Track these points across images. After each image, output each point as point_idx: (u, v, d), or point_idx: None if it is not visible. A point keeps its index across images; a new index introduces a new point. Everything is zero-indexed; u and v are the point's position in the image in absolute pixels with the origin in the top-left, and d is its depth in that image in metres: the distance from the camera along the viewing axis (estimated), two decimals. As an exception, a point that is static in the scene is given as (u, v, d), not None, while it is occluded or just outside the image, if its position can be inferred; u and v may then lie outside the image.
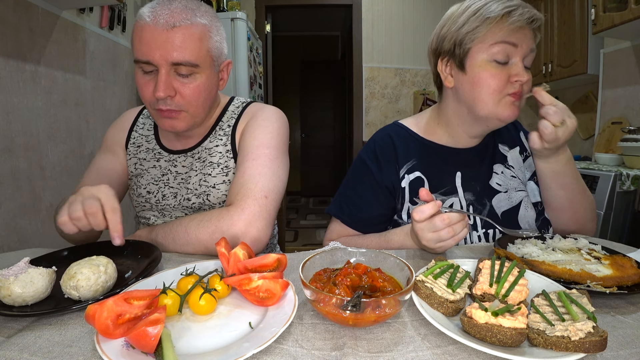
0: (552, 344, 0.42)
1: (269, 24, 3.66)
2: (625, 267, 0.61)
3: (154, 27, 0.75)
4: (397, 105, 3.58)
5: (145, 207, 0.95)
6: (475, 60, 0.79)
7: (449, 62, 0.84)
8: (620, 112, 2.46)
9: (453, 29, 0.81)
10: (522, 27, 0.75)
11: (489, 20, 0.75)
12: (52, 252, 0.71)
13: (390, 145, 0.91)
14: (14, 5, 1.48)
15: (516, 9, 0.74)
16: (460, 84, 0.83)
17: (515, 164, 0.94)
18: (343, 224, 0.93)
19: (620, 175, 1.89)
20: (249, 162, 0.84)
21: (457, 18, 0.80)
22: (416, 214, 0.67)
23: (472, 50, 0.79)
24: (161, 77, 0.77)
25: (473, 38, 0.78)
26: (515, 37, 0.75)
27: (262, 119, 0.92)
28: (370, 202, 0.90)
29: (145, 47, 0.76)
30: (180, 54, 0.76)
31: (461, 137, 0.90)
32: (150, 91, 0.79)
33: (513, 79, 0.77)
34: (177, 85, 0.79)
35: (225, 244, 0.61)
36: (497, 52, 0.76)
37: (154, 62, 0.76)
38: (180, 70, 0.78)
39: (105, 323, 0.43)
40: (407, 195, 0.88)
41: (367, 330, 0.48)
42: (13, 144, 1.50)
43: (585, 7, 2.46)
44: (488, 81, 0.77)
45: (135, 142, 0.99)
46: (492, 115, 0.80)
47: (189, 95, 0.80)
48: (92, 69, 2.03)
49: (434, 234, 0.67)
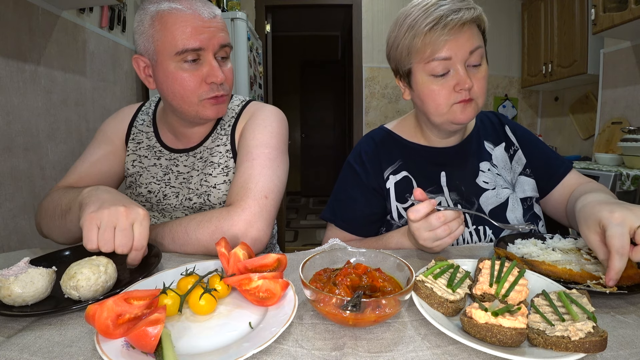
0: (552, 344, 0.42)
1: (269, 24, 3.65)
2: (626, 267, 0.61)
3: (199, 16, 0.78)
4: (397, 105, 3.58)
5: (145, 206, 0.95)
6: (417, 79, 0.81)
7: (400, 78, 0.87)
8: (620, 112, 2.46)
9: (392, 50, 0.83)
10: (451, 38, 0.73)
11: (416, 40, 0.75)
12: (52, 252, 0.71)
13: (374, 148, 0.94)
14: (14, 5, 1.48)
15: (439, 22, 0.72)
16: (413, 98, 0.87)
17: (500, 162, 0.94)
18: (338, 228, 0.94)
19: (620, 175, 1.89)
20: (248, 162, 0.84)
21: (394, 38, 0.81)
22: (411, 213, 0.68)
23: (412, 69, 0.81)
24: (213, 63, 0.80)
25: (409, 60, 0.79)
26: (446, 51, 0.74)
27: (261, 119, 0.92)
28: (360, 203, 0.92)
29: (196, 34, 0.77)
30: (225, 36, 0.83)
31: (435, 139, 0.93)
32: (199, 81, 0.81)
33: (457, 88, 0.77)
34: (223, 69, 0.83)
35: (225, 244, 0.61)
36: (433, 68, 0.76)
37: (206, 48, 0.79)
38: (223, 53, 0.83)
39: (105, 323, 0.43)
40: (392, 195, 0.90)
41: (367, 330, 0.48)
42: (13, 144, 1.50)
43: (585, 7, 2.46)
44: (433, 96, 0.79)
45: (135, 138, 0.98)
46: (445, 122, 0.82)
47: (230, 78, 0.87)
48: (92, 69, 2.03)
49: (431, 233, 0.67)
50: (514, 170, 0.94)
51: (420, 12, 0.75)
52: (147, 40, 0.80)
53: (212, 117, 0.86)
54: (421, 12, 0.75)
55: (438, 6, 0.74)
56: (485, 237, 0.87)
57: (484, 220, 0.87)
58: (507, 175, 0.93)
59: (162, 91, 0.84)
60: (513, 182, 0.93)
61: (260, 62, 3.07)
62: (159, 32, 0.78)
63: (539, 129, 3.62)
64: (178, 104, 0.83)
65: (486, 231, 0.88)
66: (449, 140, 0.93)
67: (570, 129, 3.10)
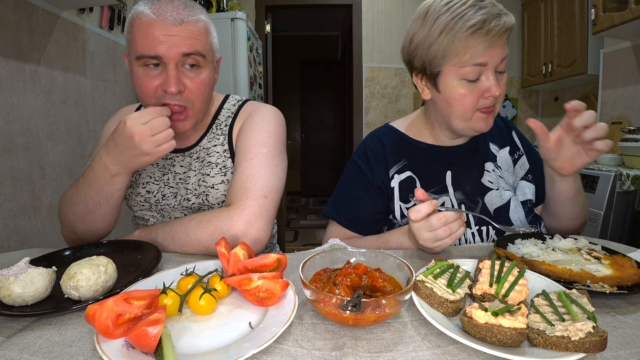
0: (552, 344, 0.42)
1: (269, 24, 3.65)
2: (625, 267, 0.61)
3: (162, 22, 0.75)
4: (397, 105, 3.58)
5: (144, 207, 0.95)
6: (446, 81, 0.79)
7: (422, 77, 0.84)
8: (620, 112, 2.46)
9: (422, 47, 0.79)
10: (492, 43, 0.73)
11: (456, 44, 0.73)
12: (52, 252, 0.71)
13: (380, 146, 0.93)
14: (14, 5, 1.48)
15: (482, 26, 0.71)
16: (436, 98, 0.84)
17: (504, 165, 0.95)
18: (340, 225, 0.93)
19: (620, 175, 1.89)
20: (247, 161, 0.84)
21: (426, 33, 0.78)
22: (412, 213, 0.68)
23: (442, 72, 0.78)
24: (171, 72, 0.76)
25: (442, 62, 0.77)
26: (484, 57, 0.74)
27: (259, 118, 0.92)
28: (365, 202, 0.91)
29: (153, 42, 0.75)
30: (190, 45, 0.77)
31: (445, 139, 0.93)
32: (154, 87, 0.78)
33: (486, 94, 0.77)
34: (185, 80, 0.79)
35: (225, 244, 0.61)
36: (467, 73, 0.75)
37: (163, 57, 0.75)
38: (191, 61, 0.78)
39: (105, 323, 0.43)
40: (396, 194, 0.90)
41: (367, 330, 0.48)
42: (13, 144, 1.50)
43: (585, 7, 2.46)
44: (461, 101, 0.78)
45: None
46: (466, 128, 0.83)
47: (196, 89, 0.80)
48: (92, 69, 2.03)
49: (431, 233, 0.67)
50: (516, 174, 0.95)
51: (457, 14, 0.73)
52: (126, 39, 0.81)
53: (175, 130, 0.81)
54: (458, 14, 0.73)
55: (477, 9, 0.72)
56: (487, 237, 0.87)
57: (486, 221, 0.87)
58: (509, 178, 0.94)
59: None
60: (514, 185, 0.94)
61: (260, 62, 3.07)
62: (130, 34, 0.79)
63: (539, 129, 3.62)
64: (143, 103, 0.84)
65: (489, 232, 0.87)
66: (458, 140, 0.93)
67: (570, 129, 3.10)
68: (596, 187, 1.96)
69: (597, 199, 1.95)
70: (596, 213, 1.94)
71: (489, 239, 0.87)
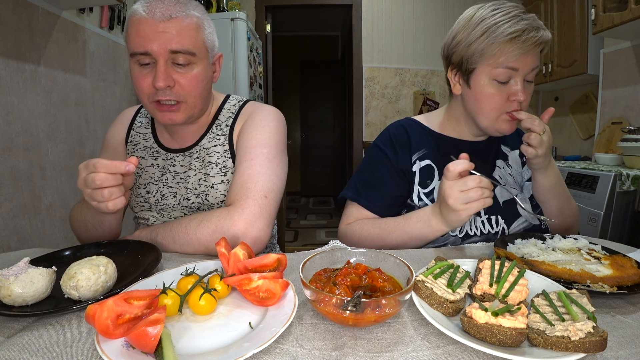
0: (552, 344, 0.42)
1: (269, 24, 3.65)
2: (625, 267, 0.61)
3: (151, 19, 0.77)
4: (397, 105, 3.58)
5: (144, 207, 0.95)
6: (479, 79, 0.84)
7: (457, 73, 0.90)
8: (620, 112, 2.46)
9: (463, 45, 0.85)
10: (525, 53, 0.78)
11: (494, 46, 0.79)
12: (52, 252, 0.71)
13: (404, 134, 0.97)
14: (14, 5, 1.48)
15: (521, 35, 0.76)
16: (465, 94, 0.90)
17: (514, 164, 1.01)
18: (361, 206, 0.95)
19: (620, 175, 1.89)
20: (247, 162, 0.84)
21: (468, 33, 0.83)
22: (451, 165, 0.70)
23: (477, 70, 0.84)
24: (160, 67, 0.77)
25: (478, 60, 0.82)
26: (517, 63, 0.79)
27: (260, 119, 0.92)
28: (388, 185, 0.94)
29: (143, 38, 0.76)
30: (178, 43, 0.78)
31: (467, 134, 0.98)
32: (148, 83, 0.79)
33: (512, 98, 0.82)
34: (175, 76, 0.80)
35: (225, 244, 0.61)
36: (498, 74, 0.81)
37: (152, 53, 0.77)
38: (178, 59, 0.79)
39: (105, 323, 0.43)
40: (417, 179, 0.93)
41: (367, 330, 0.48)
42: (13, 144, 1.50)
43: (585, 7, 2.46)
44: (489, 99, 0.84)
45: (134, 140, 0.99)
46: (491, 128, 0.88)
47: (187, 84, 0.81)
48: (92, 69, 2.03)
49: (463, 193, 0.69)
50: (523, 175, 1.01)
51: (501, 20, 0.79)
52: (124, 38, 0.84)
53: (167, 122, 0.84)
54: (502, 20, 0.79)
55: (520, 19, 0.78)
56: (497, 225, 0.91)
57: (496, 210, 0.91)
58: (517, 177, 1.00)
59: None
60: (521, 184, 1.00)
61: (260, 62, 3.07)
62: (125, 33, 0.81)
63: (539, 129, 3.63)
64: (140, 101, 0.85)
65: (498, 220, 0.91)
66: (479, 137, 0.99)
67: (570, 129, 3.10)
68: (596, 187, 1.96)
69: (597, 199, 1.95)
70: (596, 213, 1.94)
71: (498, 226, 0.91)
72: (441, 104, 3.50)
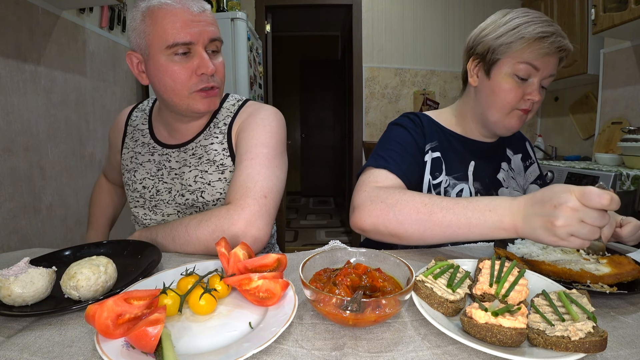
0: (552, 344, 0.42)
1: (269, 24, 3.65)
2: (623, 264, 0.61)
3: (188, 10, 0.79)
4: (397, 105, 3.58)
5: (139, 202, 0.96)
6: (500, 71, 0.86)
7: (478, 64, 0.91)
8: (620, 112, 2.46)
9: (491, 36, 0.87)
10: (549, 54, 0.81)
11: (522, 40, 0.81)
12: (52, 252, 0.71)
13: (420, 123, 0.98)
14: (14, 5, 1.48)
15: (549, 37, 0.80)
16: (482, 86, 0.91)
17: (516, 168, 1.03)
18: (390, 172, 0.84)
19: (620, 175, 1.89)
20: (247, 161, 0.84)
21: (498, 27, 0.86)
22: (603, 196, 0.51)
23: (500, 61, 0.86)
24: (204, 55, 0.81)
25: (504, 51, 0.84)
26: (539, 62, 0.82)
27: (260, 119, 0.92)
28: (415, 157, 0.90)
29: (185, 29, 0.79)
30: (215, 30, 0.84)
31: (473, 132, 0.99)
32: (189, 75, 0.82)
33: (527, 97, 0.85)
34: (213, 62, 0.84)
35: (225, 243, 0.61)
36: (520, 69, 0.83)
37: (195, 42, 0.80)
38: (213, 47, 0.85)
39: (105, 323, 0.43)
40: (428, 168, 0.93)
41: (367, 330, 0.48)
42: (13, 144, 1.50)
43: (585, 7, 2.46)
44: (505, 93, 0.86)
45: (133, 137, 1.00)
46: (500, 123, 0.89)
47: (221, 70, 0.88)
48: (92, 69, 2.03)
49: (581, 225, 0.53)
50: (526, 178, 1.03)
51: (533, 20, 0.82)
52: (139, 35, 0.81)
53: (203, 110, 0.86)
54: (534, 21, 0.82)
55: (550, 24, 0.82)
56: None
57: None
58: (520, 181, 1.02)
59: (155, 85, 0.85)
60: (524, 187, 1.01)
61: (260, 62, 3.07)
62: (150, 27, 0.79)
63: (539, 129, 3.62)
64: (169, 97, 0.84)
65: None
66: (483, 138, 0.99)
67: (570, 129, 3.10)
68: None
69: (597, 199, 1.94)
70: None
71: None
72: (441, 104, 3.50)
